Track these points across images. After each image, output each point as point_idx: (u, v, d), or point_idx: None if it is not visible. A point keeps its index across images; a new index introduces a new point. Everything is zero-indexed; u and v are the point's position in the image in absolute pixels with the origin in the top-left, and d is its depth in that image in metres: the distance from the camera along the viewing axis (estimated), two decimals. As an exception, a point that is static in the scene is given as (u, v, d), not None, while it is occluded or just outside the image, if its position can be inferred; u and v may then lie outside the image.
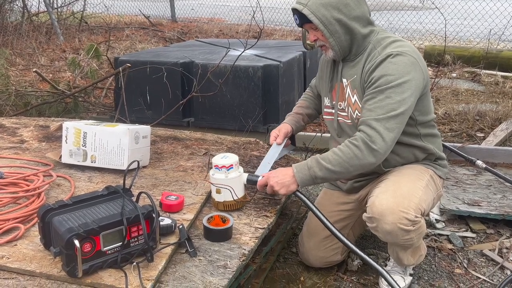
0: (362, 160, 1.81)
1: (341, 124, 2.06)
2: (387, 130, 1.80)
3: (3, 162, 2.31)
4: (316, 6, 1.86)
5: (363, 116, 1.87)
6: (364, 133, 1.82)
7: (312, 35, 1.97)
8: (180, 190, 2.06)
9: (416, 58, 1.86)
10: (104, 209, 1.55)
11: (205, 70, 3.71)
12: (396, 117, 1.81)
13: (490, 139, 3.71)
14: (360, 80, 1.93)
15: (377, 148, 1.80)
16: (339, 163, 1.83)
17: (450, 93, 5.17)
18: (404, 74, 1.81)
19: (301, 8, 1.88)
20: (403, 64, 1.82)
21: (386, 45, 1.89)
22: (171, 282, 1.50)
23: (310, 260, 2.20)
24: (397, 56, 1.83)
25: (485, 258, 2.34)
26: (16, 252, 1.58)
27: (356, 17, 1.89)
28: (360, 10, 1.90)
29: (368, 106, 1.85)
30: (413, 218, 1.78)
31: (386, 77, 1.82)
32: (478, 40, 7.23)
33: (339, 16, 1.86)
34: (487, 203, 2.68)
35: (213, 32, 8.96)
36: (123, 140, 2.15)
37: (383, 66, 1.84)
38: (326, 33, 1.89)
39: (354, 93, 1.96)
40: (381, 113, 1.81)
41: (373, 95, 1.85)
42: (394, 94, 1.81)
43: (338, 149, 1.86)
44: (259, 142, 2.72)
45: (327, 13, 1.85)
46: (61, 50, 7.09)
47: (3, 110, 4.13)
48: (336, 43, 1.91)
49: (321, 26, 1.87)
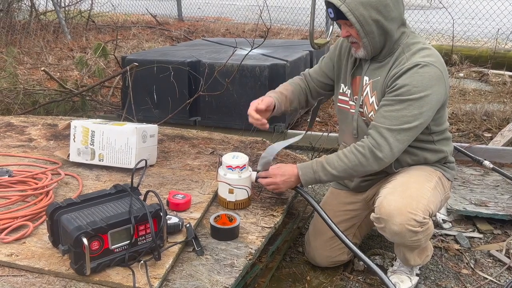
0: (366, 167, 1.84)
1: (359, 119, 2.02)
2: (397, 141, 1.81)
3: (11, 161, 2.32)
4: (355, 4, 1.78)
5: (376, 121, 1.85)
6: (373, 140, 1.82)
7: (345, 31, 1.90)
8: (187, 189, 2.07)
9: (442, 71, 1.82)
10: (112, 208, 1.56)
11: (212, 69, 3.72)
12: (409, 130, 1.81)
13: (497, 139, 3.69)
14: (383, 83, 1.90)
15: (382, 157, 1.81)
16: (344, 170, 1.86)
17: (457, 93, 5.15)
18: (428, 87, 1.79)
19: (339, 4, 1.80)
20: (429, 77, 1.79)
21: (414, 52, 1.85)
22: (178, 280, 1.51)
23: (316, 259, 2.20)
24: (424, 67, 1.79)
25: (492, 259, 2.34)
26: (24, 249, 1.60)
27: (394, 18, 1.83)
28: (398, 11, 1.84)
29: (384, 113, 1.83)
30: (421, 219, 1.78)
31: (409, 88, 1.79)
32: (486, 40, 7.18)
33: (378, 17, 1.80)
34: (494, 203, 2.67)
35: (220, 31, 8.96)
36: (131, 139, 2.16)
37: (409, 75, 1.80)
38: (361, 32, 1.83)
39: (373, 94, 1.93)
40: (395, 123, 1.80)
41: (391, 102, 1.82)
42: (413, 108, 1.79)
43: (344, 155, 1.86)
44: (266, 142, 2.72)
45: (365, 12, 1.79)
46: (68, 49, 7.11)
47: (11, 108, 4.15)
48: (370, 43, 1.86)
49: (357, 25, 1.81)
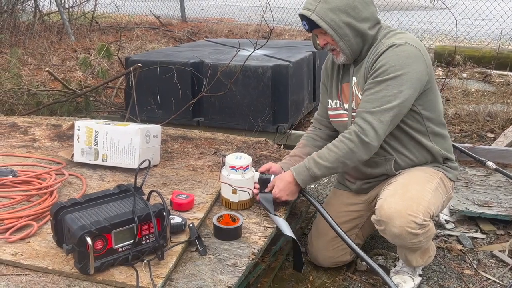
0: (357, 152, 1.84)
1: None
2: (380, 123, 1.82)
3: (16, 161, 2.33)
4: (324, 11, 1.84)
5: (360, 107, 1.88)
6: (358, 126, 1.84)
7: (322, 39, 1.95)
8: (190, 189, 2.08)
9: (419, 49, 1.85)
10: (116, 207, 1.56)
11: (215, 70, 3.73)
12: (391, 110, 1.81)
13: (500, 139, 3.69)
14: (365, 73, 1.93)
15: (368, 141, 1.82)
16: (336, 159, 1.87)
17: (460, 94, 5.14)
18: (405, 65, 1.80)
19: (309, 14, 1.86)
20: (405, 55, 1.81)
21: (390, 36, 1.89)
22: (181, 280, 1.51)
23: (319, 259, 2.20)
24: (400, 46, 1.82)
25: (495, 259, 2.33)
26: (29, 249, 1.61)
27: (365, 18, 1.88)
28: (368, 11, 1.88)
29: (365, 97, 1.86)
30: (421, 221, 1.77)
31: (386, 67, 1.82)
32: (489, 41, 7.17)
33: (348, 19, 1.85)
34: (497, 204, 2.67)
35: (223, 32, 8.98)
36: (134, 139, 2.17)
37: (385, 55, 1.83)
38: (335, 37, 1.87)
39: (359, 91, 1.96)
40: (376, 105, 1.82)
41: (371, 85, 1.85)
42: (391, 87, 1.81)
43: (333, 145, 1.88)
44: (269, 142, 2.73)
45: (335, 17, 1.84)
46: (72, 49, 7.14)
47: (15, 109, 4.18)
48: (347, 47, 1.90)
49: (330, 31, 1.86)
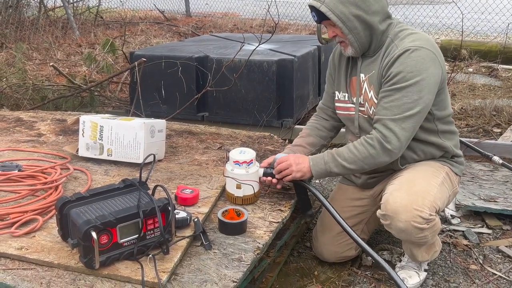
0: (377, 159, 1.83)
1: (361, 118, 2.03)
2: (403, 130, 1.80)
3: (21, 155, 2.34)
4: (333, 3, 1.82)
5: (379, 114, 1.85)
6: (380, 133, 1.82)
7: (331, 31, 1.93)
8: (195, 184, 2.07)
9: (434, 52, 1.83)
10: (121, 202, 1.56)
11: (219, 64, 3.71)
12: (413, 117, 1.80)
13: (507, 134, 3.66)
14: (378, 75, 1.91)
15: (391, 148, 1.81)
16: (354, 161, 1.86)
17: (466, 88, 5.11)
18: (422, 71, 1.79)
19: (318, 5, 1.85)
20: (422, 60, 1.80)
21: (403, 38, 1.87)
22: (186, 274, 1.51)
23: (324, 254, 2.20)
24: (415, 51, 1.80)
25: (501, 255, 2.32)
26: (34, 243, 1.61)
27: (375, 11, 1.85)
28: (379, 4, 1.86)
29: (385, 104, 1.84)
30: (427, 216, 1.77)
31: (404, 74, 1.80)
32: (496, 35, 7.12)
33: (358, 12, 1.83)
34: (504, 199, 2.65)
35: (228, 26, 8.95)
36: (139, 134, 2.17)
37: (401, 61, 1.81)
38: (344, 29, 1.86)
39: (371, 89, 1.94)
40: (397, 112, 1.80)
41: (390, 92, 1.83)
42: (411, 93, 1.79)
43: (353, 146, 1.87)
44: (274, 137, 2.72)
45: (345, 9, 1.82)
46: (77, 44, 7.14)
47: (20, 104, 4.19)
48: (355, 40, 1.88)
49: (339, 23, 1.84)
